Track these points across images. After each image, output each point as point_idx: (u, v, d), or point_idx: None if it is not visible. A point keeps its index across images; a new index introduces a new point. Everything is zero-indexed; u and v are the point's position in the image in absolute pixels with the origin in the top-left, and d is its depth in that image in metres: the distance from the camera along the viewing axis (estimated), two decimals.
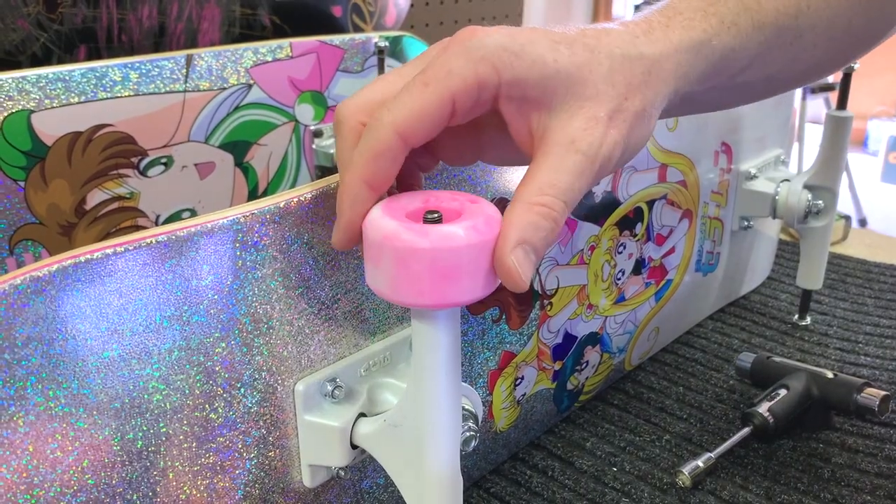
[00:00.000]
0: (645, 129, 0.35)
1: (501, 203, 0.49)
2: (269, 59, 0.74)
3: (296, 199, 0.37)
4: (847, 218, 1.00)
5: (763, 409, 0.59)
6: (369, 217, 0.33)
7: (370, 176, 0.33)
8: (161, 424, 0.35)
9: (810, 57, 0.41)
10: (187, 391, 0.35)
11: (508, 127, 0.34)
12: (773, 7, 0.38)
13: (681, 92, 0.36)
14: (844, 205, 2.88)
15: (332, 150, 0.80)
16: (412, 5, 1.00)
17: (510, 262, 0.31)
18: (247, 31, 0.81)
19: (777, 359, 0.66)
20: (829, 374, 0.61)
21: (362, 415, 0.41)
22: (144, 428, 0.34)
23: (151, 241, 0.33)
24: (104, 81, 0.64)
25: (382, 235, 0.32)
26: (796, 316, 0.79)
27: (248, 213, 0.36)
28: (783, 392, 0.60)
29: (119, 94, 0.65)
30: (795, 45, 0.39)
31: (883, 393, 0.59)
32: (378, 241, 0.32)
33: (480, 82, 0.32)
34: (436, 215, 0.32)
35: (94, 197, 0.65)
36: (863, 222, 3.04)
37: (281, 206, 0.37)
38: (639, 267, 0.64)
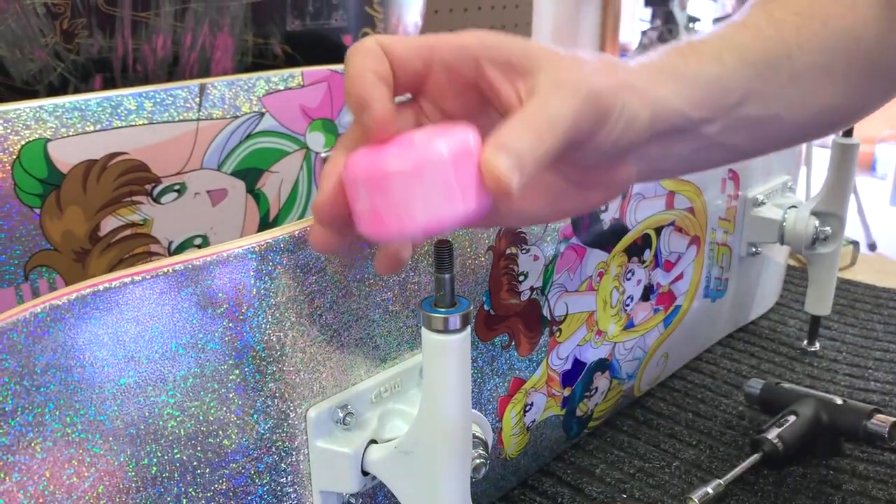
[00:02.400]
0: (635, 101, 0.36)
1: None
2: (281, 87, 0.76)
3: (309, 229, 0.38)
4: (855, 243, 1.00)
5: (772, 435, 0.59)
6: (347, 163, 0.33)
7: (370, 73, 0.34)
8: (175, 451, 0.35)
9: (820, 98, 0.41)
10: (201, 418, 0.36)
11: (497, 95, 0.35)
12: (760, 48, 0.40)
13: (669, 109, 0.37)
14: (854, 229, 2.88)
15: None
16: (421, 32, 1.01)
17: (490, 163, 0.31)
18: (259, 61, 0.82)
19: (786, 385, 0.66)
20: (839, 401, 0.61)
21: (373, 441, 0.41)
22: (159, 454, 0.35)
23: (168, 270, 0.33)
24: (119, 110, 0.65)
25: (358, 169, 0.32)
26: (805, 342, 0.79)
27: (262, 243, 0.36)
28: (792, 418, 0.60)
29: (133, 123, 0.66)
30: (795, 84, 0.40)
31: (892, 419, 0.59)
32: (354, 177, 0.32)
33: (462, 44, 0.35)
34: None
35: (108, 223, 0.66)
36: (872, 246, 3.03)
37: (294, 235, 0.37)
38: (647, 293, 0.64)
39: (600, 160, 0.37)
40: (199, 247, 0.73)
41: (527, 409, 0.55)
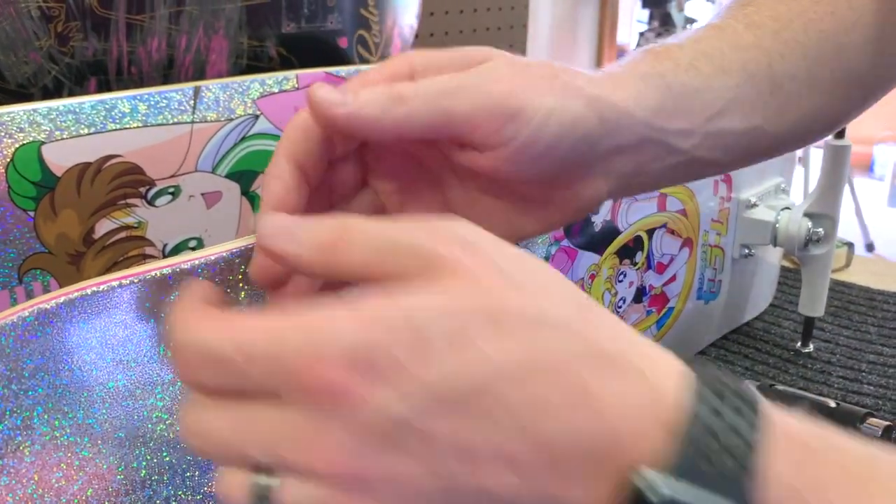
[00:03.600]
0: (573, 103, 0.33)
1: None
2: (276, 90, 0.76)
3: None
4: (850, 245, 1.00)
5: None
6: None
7: (287, 145, 0.34)
8: (164, 453, 0.35)
9: (801, 108, 0.40)
10: None
11: None
12: (738, 57, 0.38)
13: (627, 117, 0.35)
14: (851, 230, 2.88)
15: None
16: (417, 34, 1.01)
17: None
18: (254, 63, 0.83)
19: (780, 387, 0.66)
20: (832, 404, 0.61)
21: None
22: (148, 457, 0.35)
23: (156, 274, 0.34)
24: (113, 113, 0.65)
25: None
26: (799, 343, 0.79)
27: (249, 246, 0.36)
28: None
29: (128, 126, 0.66)
30: (778, 96, 0.39)
31: (886, 423, 0.59)
32: None
33: None
34: None
35: (103, 226, 0.66)
36: (870, 247, 3.04)
37: None
38: (640, 295, 0.64)
39: (553, 171, 0.34)
40: (194, 249, 0.73)
41: None
